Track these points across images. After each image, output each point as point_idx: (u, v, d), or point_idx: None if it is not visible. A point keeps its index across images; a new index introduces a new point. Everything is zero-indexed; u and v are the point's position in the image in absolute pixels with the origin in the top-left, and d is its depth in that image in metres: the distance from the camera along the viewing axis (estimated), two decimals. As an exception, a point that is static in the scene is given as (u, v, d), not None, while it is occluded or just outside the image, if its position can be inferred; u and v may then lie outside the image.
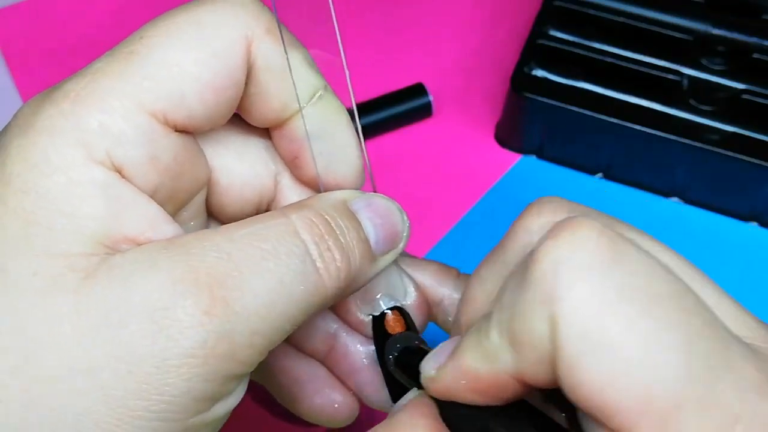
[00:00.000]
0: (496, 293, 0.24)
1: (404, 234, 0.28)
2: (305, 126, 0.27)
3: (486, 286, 0.26)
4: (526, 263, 0.22)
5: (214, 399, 0.24)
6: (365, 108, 0.48)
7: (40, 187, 0.23)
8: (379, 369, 0.30)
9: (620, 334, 0.20)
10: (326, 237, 0.25)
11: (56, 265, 0.23)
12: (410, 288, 0.30)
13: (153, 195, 0.25)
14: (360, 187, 0.29)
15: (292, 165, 0.29)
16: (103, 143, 0.24)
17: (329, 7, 0.27)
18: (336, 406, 0.31)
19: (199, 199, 0.28)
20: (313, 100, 0.27)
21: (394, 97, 0.49)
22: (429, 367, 0.25)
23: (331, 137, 0.28)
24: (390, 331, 0.29)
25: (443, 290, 0.31)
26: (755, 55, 0.46)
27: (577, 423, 0.23)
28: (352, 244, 0.26)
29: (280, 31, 0.26)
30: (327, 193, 0.27)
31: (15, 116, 0.25)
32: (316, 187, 0.29)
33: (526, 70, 0.45)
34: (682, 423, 0.20)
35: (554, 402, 0.24)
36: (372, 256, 0.27)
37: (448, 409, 0.25)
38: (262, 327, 0.24)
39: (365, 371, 0.30)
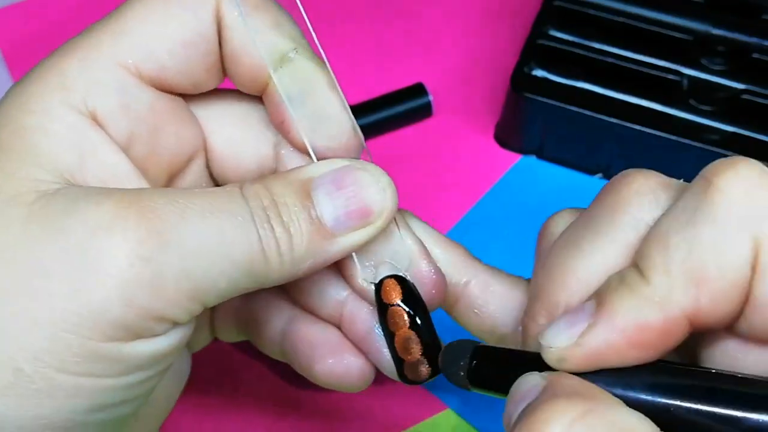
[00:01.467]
0: (615, 264, 0.24)
1: (384, 208, 0.27)
2: (278, 89, 0.28)
3: (596, 258, 0.25)
4: (694, 202, 0.22)
5: (135, 332, 0.24)
6: (365, 108, 0.48)
7: (19, 122, 0.26)
8: (383, 335, 0.30)
9: None
10: (268, 212, 0.26)
11: (20, 184, 0.25)
12: (416, 257, 0.29)
13: (129, 146, 0.27)
14: (357, 149, 0.29)
15: (281, 130, 0.29)
16: (80, 90, 0.26)
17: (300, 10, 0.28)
18: (348, 368, 0.30)
19: (198, 166, 0.30)
20: (284, 62, 0.28)
21: (394, 97, 0.48)
22: (562, 338, 0.23)
23: (311, 99, 0.28)
24: (386, 299, 0.29)
25: (468, 271, 0.30)
26: (755, 55, 0.46)
27: None
28: (297, 222, 0.26)
29: None
30: (295, 169, 0.28)
31: None
32: (307, 151, 0.29)
33: (526, 70, 0.45)
34: None
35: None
36: (327, 233, 0.27)
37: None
38: (194, 271, 0.24)
39: (372, 338, 0.30)
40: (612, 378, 0.23)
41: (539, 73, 0.45)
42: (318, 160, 0.28)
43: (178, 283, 0.24)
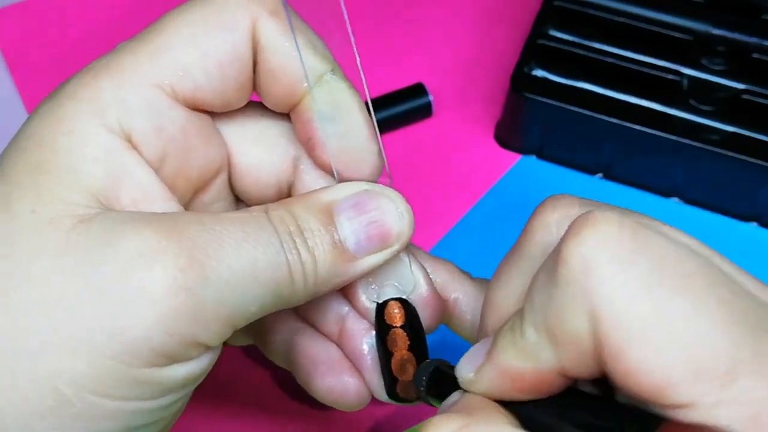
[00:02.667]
0: (524, 293, 0.24)
1: (402, 232, 0.28)
2: (314, 108, 0.28)
3: (510, 287, 0.26)
4: (553, 262, 0.22)
5: (173, 357, 0.25)
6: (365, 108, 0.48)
7: (54, 143, 0.26)
8: (377, 357, 0.30)
9: (661, 314, 0.21)
10: (294, 237, 0.26)
11: (55, 207, 0.25)
12: (421, 282, 0.30)
13: (160, 166, 0.27)
14: (378, 171, 0.30)
15: (307, 147, 0.30)
16: (115, 112, 0.26)
17: (341, 8, 0.28)
18: (345, 387, 0.31)
19: (220, 182, 0.30)
20: (321, 82, 0.28)
21: (395, 97, 0.49)
22: (466, 370, 0.25)
23: (342, 119, 0.29)
24: (388, 320, 0.30)
25: (456, 288, 0.31)
26: (755, 55, 0.46)
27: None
28: (322, 246, 0.27)
29: (286, 11, 0.27)
30: (318, 191, 0.28)
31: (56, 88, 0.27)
32: (331, 170, 0.29)
33: (526, 70, 0.45)
34: (738, 384, 0.20)
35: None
36: (349, 256, 0.27)
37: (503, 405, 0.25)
38: (230, 299, 0.25)
39: (364, 357, 0.31)
40: (523, 405, 0.24)
41: (539, 73, 0.45)
42: (339, 179, 0.29)
43: (216, 311, 0.25)
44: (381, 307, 0.30)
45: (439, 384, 0.28)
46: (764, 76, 0.45)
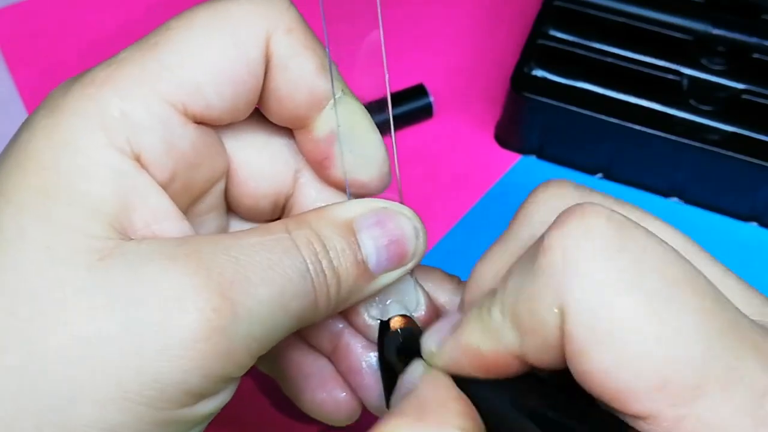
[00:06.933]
0: (506, 274, 0.24)
1: (417, 251, 0.28)
2: (337, 123, 0.28)
3: (494, 267, 0.26)
4: (534, 250, 0.22)
5: (203, 396, 0.24)
6: (366, 109, 0.48)
7: (60, 165, 0.24)
8: (378, 373, 0.30)
9: (632, 319, 0.20)
10: (321, 258, 0.26)
11: (71, 241, 0.23)
12: (422, 300, 0.30)
13: (169, 184, 0.26)
14: (387, 186, 0.29)
15: (320, 167, 0.29)
16: (124, 130, 0.25)
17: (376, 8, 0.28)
18: (337, 402, 0.31)
19: (217, 191, 0.29)
20: (330, 102, 0.28)
21: (395, 98, 0.48)
22: (431, 341, 0.25)
23: (356, 137, 0.28)
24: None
25: (444, 297, 0.31)
26: (755, 55, 0.46)
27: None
28: (346, 266, 0.26)
29: (324, 29, 0.27)
30: (334, 207, 0.28)
31: (46, 98, 0.26)
32: (342, 187, 0.29)
33: (526, 70, 0.45)
34: (705, 402, 0.20)
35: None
36: (370, 276, 0.27)
37: (461, 381, 0.25)
38: (259, 332, 0.24)
39: (363, 374, 0.30)
40: (481, 384, 0.24)
41: (539, 73, 0.45)
42: (352, 196, 0.29)
43: (247, 345, 0.24)
44: (385, 325, 0.29)
45: (408, 351, 0.28)
46: (764, 76, 0.45)
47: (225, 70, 0.26)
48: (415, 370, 0.26)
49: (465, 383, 0.24)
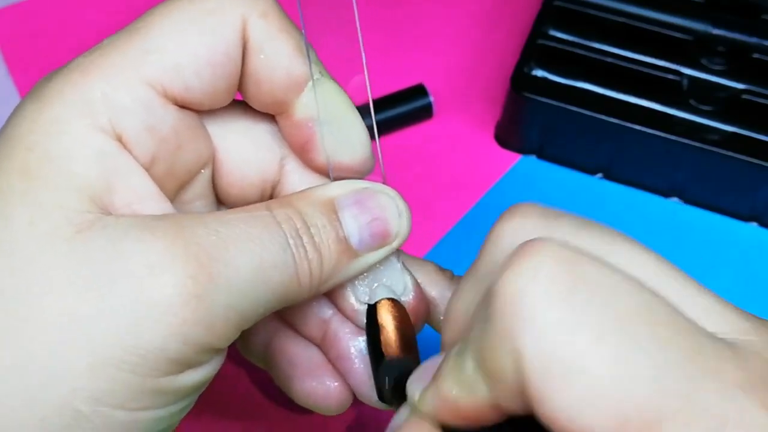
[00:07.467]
0: (472, 316, 0.23)
1: (400, 231, 0.29)
2: (317, 105, 0.28)
3: (464, 303, 0.25)
4: (489, 295, 0.21)
5: (187, 364, 0.25)
6: (366, 109, 0.48)
7: (44, 146, 0.25)
8: (367, 360, 0.30)
9: (586, 358, 0.20)
10: (302, 234, 0.26)
11: (53, 216, 0.24)
12: (410, 285, 0.30)
13: (151, 165, 0.27)
14: (371, 169, 0.30)
15: (302, 151, 0.29)
16: (106, 112, 0.25)
17: (352, 7, 0.28)
18: (327, 391, 0.31)
19: (203, 179, 0.29)
20: (309, 84, 0.28)
21: (395, 99, 0.48)
22: (414, 388, 0.25)
23: (336, 119, 0.29)
24: (381, 321, 0.29)
25: (436, 290, 0.31)
26: (755, 55, 0.46)
27: None
28: (327, 243, 0.27)
29: (299, 8, 0.27)
30: (316, 188, 0.28)
31: (33, 86, 0.26)
32: (325, 172, 0.29)
33: (526, 70, 0.45)
34: None
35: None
36: (353, 253, 0.28)
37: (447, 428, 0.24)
38: (239, 303, 0.25)
39: (352, 359, 0.30)
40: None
41: (539, 73, 0.45)
42: (334, 179, 0.29)
43: (226, 315, 0.25)
44: (373, 308, 0.29)
45: (401, 389, 0.27)
46: (764, 76, 0.45)
47: (203, 53, 0.27)
48: (401, 414, 0.26)
49: (450, 430, 0.24)
